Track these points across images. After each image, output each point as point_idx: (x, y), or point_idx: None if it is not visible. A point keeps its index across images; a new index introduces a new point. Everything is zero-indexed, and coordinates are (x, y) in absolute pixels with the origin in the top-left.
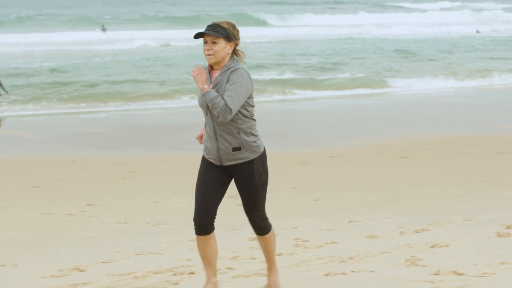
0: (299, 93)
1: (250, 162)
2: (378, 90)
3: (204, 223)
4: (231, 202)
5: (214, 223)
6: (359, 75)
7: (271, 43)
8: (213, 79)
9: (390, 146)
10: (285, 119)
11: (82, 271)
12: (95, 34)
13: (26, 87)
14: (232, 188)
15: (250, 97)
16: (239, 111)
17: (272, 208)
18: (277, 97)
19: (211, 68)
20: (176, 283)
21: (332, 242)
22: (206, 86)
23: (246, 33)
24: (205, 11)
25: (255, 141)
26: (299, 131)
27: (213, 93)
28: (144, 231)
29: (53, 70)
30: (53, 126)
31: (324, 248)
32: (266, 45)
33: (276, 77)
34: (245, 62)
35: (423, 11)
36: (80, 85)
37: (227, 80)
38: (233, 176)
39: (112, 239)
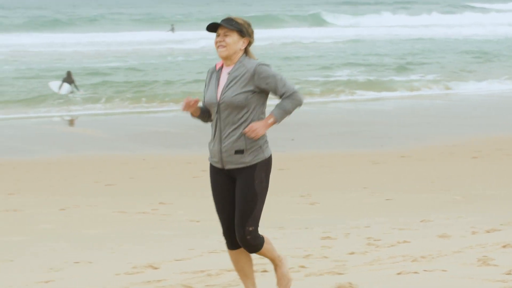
0: (370, 93)
1: (253, 167)
2: (450, 91)
3: (233, 237)
4: (303, 201)
5: None
6: (431, 75)
7: (342, 43)
8: (223, 74)
9: (462, 146)
10: (356, 119)
11: (155, 268)
12: (164, 34)
13: (99, 86)
14: (303, 187)
15: (265, 101)
16: (250, 112)
17: (344, 207)
18: (348, 97)
19: (221, 66)
20: None
21: (404, 241)
22: (270, 121)
23: (316, 34)
24: (277, 11)
25: (260, 146)
26: (370, 131)
27: (278, 111)
28: (216, 230)
29: (128, 69)
30: (124, 125)
31: (396, 247)
32: (336, 45)
33: (347, 77)
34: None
35: (498, 11)
36: (153, 84)
37: (252, 81)
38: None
39: (184, 237)
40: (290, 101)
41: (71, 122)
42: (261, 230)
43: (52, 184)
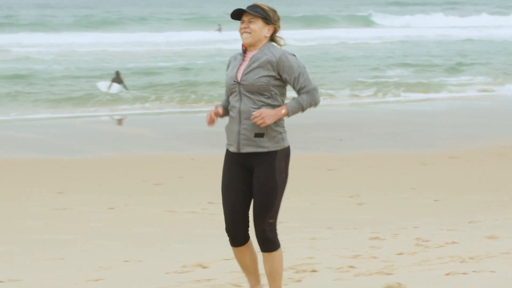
0: (420, 94)
1: (272, 154)
2: (499, 92)
3: (236, 233)
4: (351, 201)
5: (248, 232)
6: (481, 76)
7: (391, 44)
8: (246, 57)
9: (510, 148)
10: (404, 120)
11: (205, 267)
12: (212, 34)
13: (148, 86)
14: (351, 187)
15: (285, 92)
16: (271, 97)
17: (392, 208)
18: (397, 97)
19: (245, 49)
20: (299, 281)
21: (453, 242)
22: (282, 112)
23: (365, 34)
24: (325, 12)
25: (280, 133)
26: (418, 132)
27: (292, 104)
28: None
29: (177, 69)
30: (172, 124)
31: (444, 248)
32: (385, 45)
33: (396, 78)
34: (284, 45)
35: None
36: (201, 84)
37: (274, 68)
38: (252, 171)
39: None
40: (308, 97)
41: (119, 122)
42: (306, 230)
43: (101, 183)
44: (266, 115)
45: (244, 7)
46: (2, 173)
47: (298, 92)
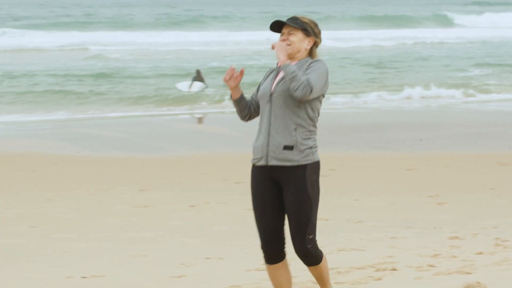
0: (500, 94)
1: (301, 168)
2: None
3: (272, 251)
4: (431, 201)
5: (284, 249)
6: None
7: (471, 44)
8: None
9: None
10: (484, 120)
11: None
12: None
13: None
14: (430, 187)
15: (320, 98)
16: (304, 107)
17: (472, 208)
18: (477, 97)
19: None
20: (379, 279)
21: None
22: (286, 64)
23: (444, 34)
24: (404, 11)
25: (310, 147)
26: (498, 132)
27: (295, 67)
28: (345, 228)
29: (259, 67)
30: (252, 123)
31: None
32: (465, 45)
33: (476, 77)
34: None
35: None
36: None
37: (306, 69)
38: (282, 187)
39: None
40: (300, 76)
41: (200, 120)
42: (387, 229)
43: (182, 181)
44: (279, 45)
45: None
46: (85, 171)
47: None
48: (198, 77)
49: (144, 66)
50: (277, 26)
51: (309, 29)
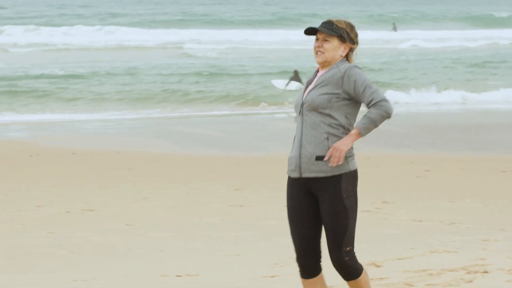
0: None
1: (336, 178)
2: None
3: (307, 264)
4: None
5: (320, 263)
6: None
7: None
8: (317, 76)
9: None
10: None
11: (378, 266)
12: (387, 34)
13: None
14: None
15: (354, 111)
16: (336, 115)
17: None
18: None
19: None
20: (470, 281)
21: None
22: (354, 132)
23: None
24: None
25: (346, 157)
26: None
27: (363, 121)
28: (438, 230)
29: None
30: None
31: None
32: None
33: None
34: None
35: None
36: (386, 83)
37: (340, 84)
38: (318, 198)
39: (407, 236)
40: (377, 111)
41: (295, 119)
42: (480, 231)
43: (277, 180)
44: (338, 145)
45: (318, 25)
46: (181, 169)
47: (368, 105)
48: (296, 77)
49: (240, 64)
50: (312, 30)
51: (345, 35)
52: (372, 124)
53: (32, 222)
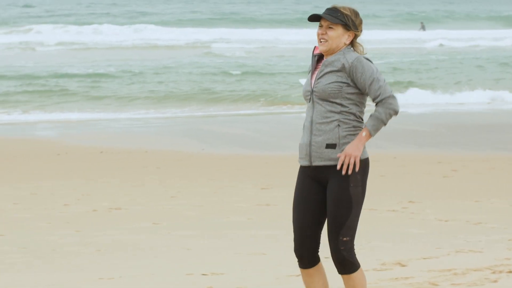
0: None
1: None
2: None
3: (305, 254)
4: None
5: (317, 253)
6: None
7: None
8: (322, 62)
9: None
10: None
11: (403, 266)
12: (416, 33)
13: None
14: None
15: (362, 100)
16: (345, 105)
17: None
18: None
19: (318, 53)
20: (495, 281)
21: None
22: (364, 135)
23: None
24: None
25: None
26: None
27: (371, 122)
28: (464, 229)
29: (391, 68)
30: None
31: None
32: None
33: None
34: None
35: None
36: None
37: (348, 74)
38: (325, 187)
39: (432, 236)
40: (384, 109)
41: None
42: (506, 231)
43: None
44: (350, 151)
45: (322, 12)
46: (208, 168)
47: (374, 101)
48: None
49: (269, 64)
50: (316, 17)
51: (350, 23)
52: (381, 123)
53: (59, 221)
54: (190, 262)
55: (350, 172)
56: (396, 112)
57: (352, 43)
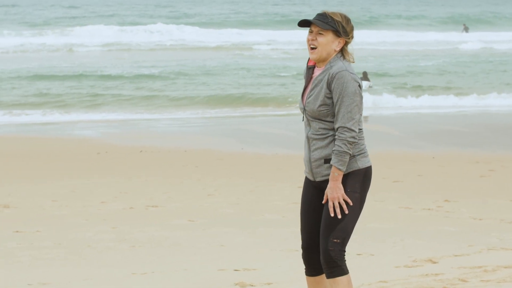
0: None
1: (344, 176)
2: None
3: (311, 260)
4: None
5: None
6: None
7: None
8: (314, 75)
9: None
10: None
11: (434, 262)
12: (458, 35)
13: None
14: None
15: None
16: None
17: None
18: None
19: (313, 64)
20: None
21: None
22: (336, 175)
23: None
24: None
25: (353, 156)
26: None
27: (335, 160)
28: (498, 228)
29: (439, 70)
30: (415, 122)
31: None
32: None
33: None
34: (353, 63)
35: None
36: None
37: (329, 87)
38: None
39: (465, 234)
40: (340, 141)
41: (365, 119)
42: None
43: None
44: (333, 194)
45: (312, 18)
46: (247, 167)
47: (334, 123)
48: (364, 77)
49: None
50: (306, 22)
51: (340, 29)
52: (345, 154)
53: (96, 217)
54: (223, 258)
55: (345, 211)
56: (350, 143)
57: (343, 50)
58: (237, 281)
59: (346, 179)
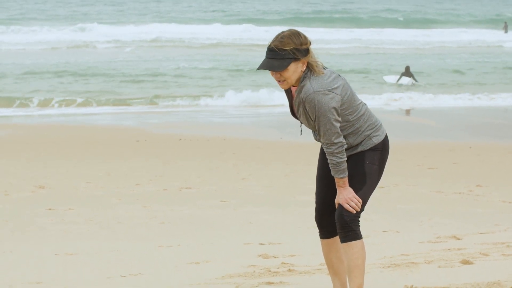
0: None
1: (362, 152)
2: None
3: (323, 223)
4: None
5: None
6: None
7: None
8: (294, 98)
9: None
10: None
11: (458, 239)
12: (497, 33)
13: (439, 83)
14: None
15: (344, 105)
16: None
17: None
18: None
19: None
20: None
21: None
22: (340, 183)
23: None
24: None
25: (367, 135)
26: None
27: (332, 172)
28: None
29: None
30: (455, 115)
31: None
32: None
33: None
34: (323, 72)
35: None
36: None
37: (305, 111)
38: None
39: (493, 215)
40: (328, 155)
41: (407, 112)
42: None
43: None
44: (345, 198)
45: (266, 55)
46: (284, 155)
47: (320, 138)
48: (407, 72)
49: (361, 62)
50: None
51: (297, 54)
52: (339, 165)
53: (129, 198)
54: (250, 233)
55: (358, 208)
56: (339, 152)
57: (309, 65)
58: (261, 253)
59: (365, 154)
